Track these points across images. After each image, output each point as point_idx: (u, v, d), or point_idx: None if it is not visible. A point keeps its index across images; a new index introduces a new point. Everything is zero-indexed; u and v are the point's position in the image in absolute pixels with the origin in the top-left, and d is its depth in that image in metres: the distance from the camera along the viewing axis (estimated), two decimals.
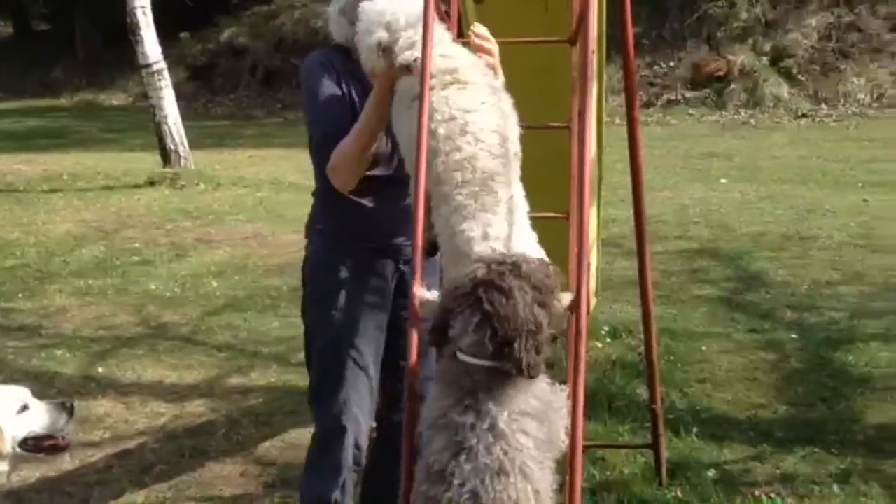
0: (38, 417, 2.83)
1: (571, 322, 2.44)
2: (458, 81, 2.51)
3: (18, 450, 2.80)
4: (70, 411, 2.89)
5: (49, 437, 2.85)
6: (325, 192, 2.89)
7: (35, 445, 2.83)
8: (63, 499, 3.95)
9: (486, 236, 2.34)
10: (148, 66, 10.27)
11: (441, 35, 2.57)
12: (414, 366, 2.33)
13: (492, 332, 2.01)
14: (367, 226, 2.87)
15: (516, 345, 2.01)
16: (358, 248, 2.89)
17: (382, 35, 2.59)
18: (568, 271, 2.56)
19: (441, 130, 2.45)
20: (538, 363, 2.05)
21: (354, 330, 2.87)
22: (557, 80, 2.97)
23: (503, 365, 2.03)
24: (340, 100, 2.81)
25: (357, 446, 2.88)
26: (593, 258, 5.32)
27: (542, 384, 2.12)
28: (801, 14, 14.73)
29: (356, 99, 2.83)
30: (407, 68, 2.55)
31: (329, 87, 2.81)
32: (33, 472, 4.13)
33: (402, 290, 2.86)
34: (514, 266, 2.08)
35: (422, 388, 2.80)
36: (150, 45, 10.23)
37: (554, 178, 2.74)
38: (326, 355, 2.89)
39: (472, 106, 2.48)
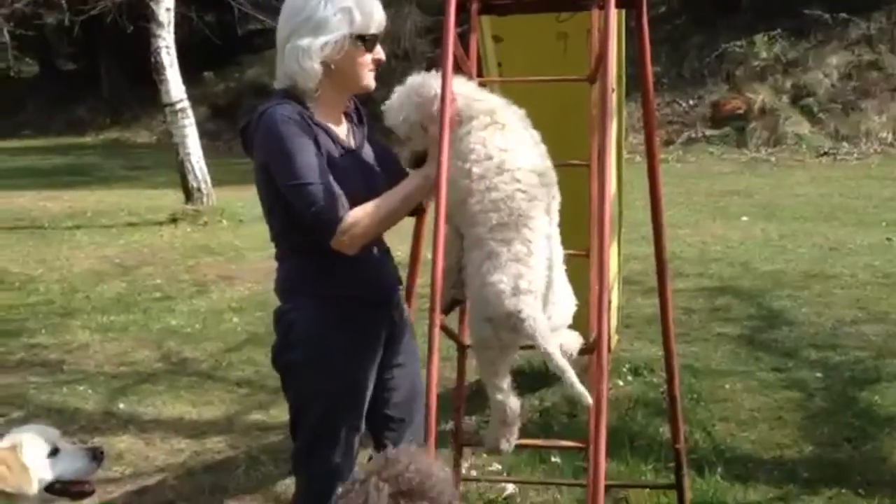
0: (68, 462, 2.81)
1: (593, 360, 2.44)
2: (496, 122, 2.51)
3: (45, 493, 2.80)
4: (100, 459, 2.88)
5: (76, 482, 2.85)
6: (308, 253, 2.67)
7: (62, 489, 2.82)
8: None
9: (516, 290, 2.31)
10: (171, 104, 10.40)
11: (466, 81, 2.58)
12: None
13: None
14: (360, 280, 2.70)
15: None
16: (351, 305, 2.70)
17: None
18: (589, 309, 2.57)
19: (476, 169, 2.44)
20: None
21: (355, 393, 2.74)
22: (577, 118, 2.99)
23: None
24: (319, 157, 2.58)
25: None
26: (614, 296, 5.31)
27: None
28: (821, 53, 14.75)
29: (331, 152, 2.65)
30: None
31: (306, 144, 2.57)
32: None
33: (393, 337, 2.80)
34: (418, 471, 1.79)
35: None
36: (174, 84, 10.37)
37: (574, 216, 2.74)
38: (323, 421, 2.73)
39: (508, 145, 2.48)
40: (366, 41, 2.65)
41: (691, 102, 14.98)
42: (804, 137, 14.01)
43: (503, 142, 2.48)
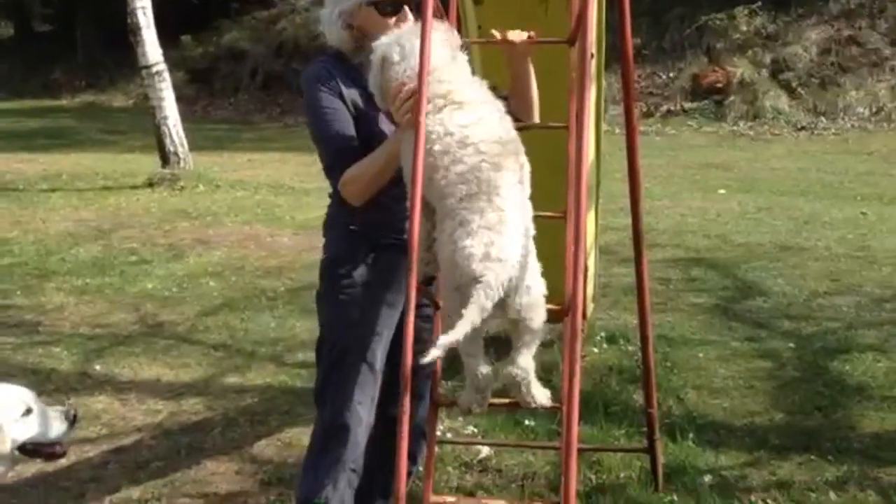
0: (40, 424, 2.80)
1: (567, 323, 2.46)
2: (452, 102, 2.52)
3: (17, 453, 2.79)
4: (73, 421, 2.86)
5: (49, 443, 2.84)
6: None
7: (34, 450, 2.81)
8: (58, 494, 3.94)
9: (487, 256, 2.31)
10: (148, 67, 10.29)
11: (437, 59, 2.56)
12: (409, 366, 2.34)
13: None
14: (387, 220, 2.88)
15: None
16: (378, 243, 2.90)
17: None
18: (564, 271, 2.58)
19: (437, 147, 2.45)
20: None
21: (370, 328, 2.88)
22: (556, 82, 2.98)
23: None
24: (342, 114, 2.83)
25: (357, 444, 2.88)
26: (591, 263, 5.33)
27: None
28: (801, 27, 14.79)
29: (359, 103, 2.85)
30: None
31: (329, 102, 2.83)
32: (28, 468, 4.09)
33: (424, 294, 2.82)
34: None
35: (422, 387, 2.82)
36: (151, 47, 10.25)
37: (552, 179, 2.75)
38: (338, 352, 2.90)
39: (469, 121, 2.48)
40: (378, 7, 2.83)
41: (671, 75, 14.99)
42: (782, 112, 14.08)
43: (462, 118, 2.49)
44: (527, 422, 4.28)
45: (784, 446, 4.08)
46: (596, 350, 5.23)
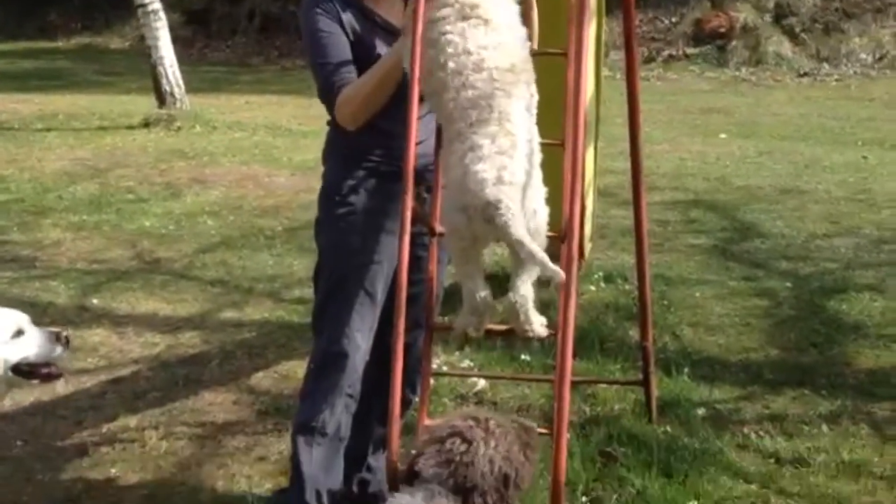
0: (33, 344, 2.80)
1: (563, 249, 2.45)
2: (478, 17, 2.43)
3: (10, 374, 2.79)
4: (65, 342, 2.87)
5: (43, 365, 2.84)
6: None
7: (28, 372, 2.82)
8: (56, 422, 3.96)
9: (499, 180, 2.28)
10: (143, 5, 10.14)
11: None
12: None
13: (451, 472, 2.04)
14: (386, 147, 2.82)
15: (476, 494, 2.02)
16: (377, 170, 2.86)
17: None
18: (562, 199, 2.56)
19: (451, 65, 2.39)
20: None
21: (369, 256, 2.85)
22: (555, 14, 2.93)
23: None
24: (338, 38, 2.78)
25: (354, 370, 2.88)
26: (589, 202, 5.32)
27: None
28: None
29: (357, 28, 2.81)
30: None
31: (326, 25, 2.78)
32: (27, 397, 4.14)
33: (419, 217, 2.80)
34: (483, 421, 2.11)
35: (419, 316, 2.79)
36: None
37: (552, 112, 2.71)
38: (336, 279, 2.88)
39: (489, 43, 2.41)
40: None
41: (674, 20, 14.82)
42: (785, 58, 13.95)
43: (484, 39, 2.42)
44: (523, 356, 4.29)
45: (778, 381, 4.11)
46: (593, 288, 5.23)
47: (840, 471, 3.35)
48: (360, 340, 2.86)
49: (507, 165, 2.29)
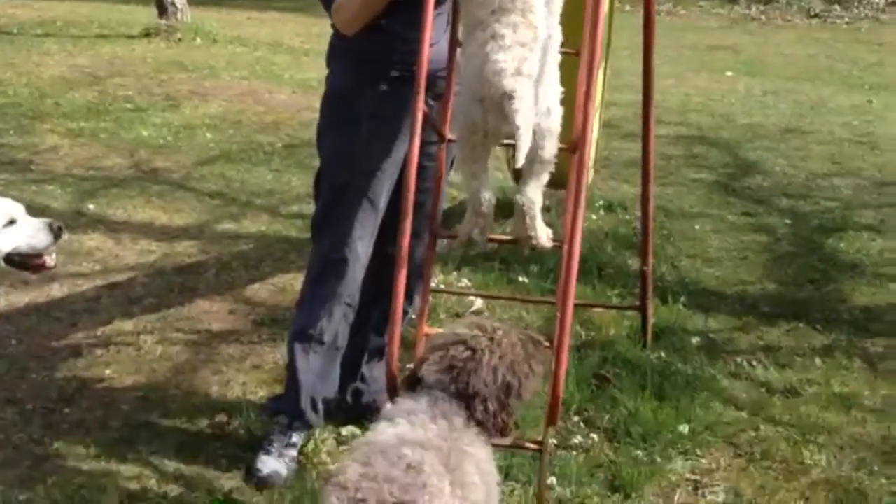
0: (25, 234, 2.78)
1: (575, 159, 2.42)
2: None
3: (2, 263, 2.77)
4: (57, 232, 2.84)
5: (35, 255, 2.82)
6: None
7: (21, 262, 2.80)
8: (51, 323, 3.96)
9: (518, 72, 2.25)
10: None
11: None
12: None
13: (454, 378, 2.04)
14: (396, 49, 2.75)
15: (478, 401, 2.02)
16: (383, 74, 2.78)
17: None
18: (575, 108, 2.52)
19: None
20: (499, 422, 2.05)
21: (373, 163, 2.80)
22: None
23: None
24: None
25: (354, 279, 2.86)
26: (595, 130, 5.26)
27: (487, 452, 2.05)
28: None
29: None
30: None
31: None
32: (22, 297, 4.14)
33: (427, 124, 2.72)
34: (490, 331, 2.11)
35: (420, 226, 2.76)
36: None
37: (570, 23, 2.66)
38: (338, 185, 2.83)
39: None
40: None
41: None
42: None
43: None
44: (520, 278, 4.29)
45: (773, 314, 4.12)
46: (594, 217, 5.22)
47: (830, 402, 3.37)
48: (360, 248, 2.84)
49: (528, 58, 2.27)
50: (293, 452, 2.92)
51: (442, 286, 4.15)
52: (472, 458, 1.96)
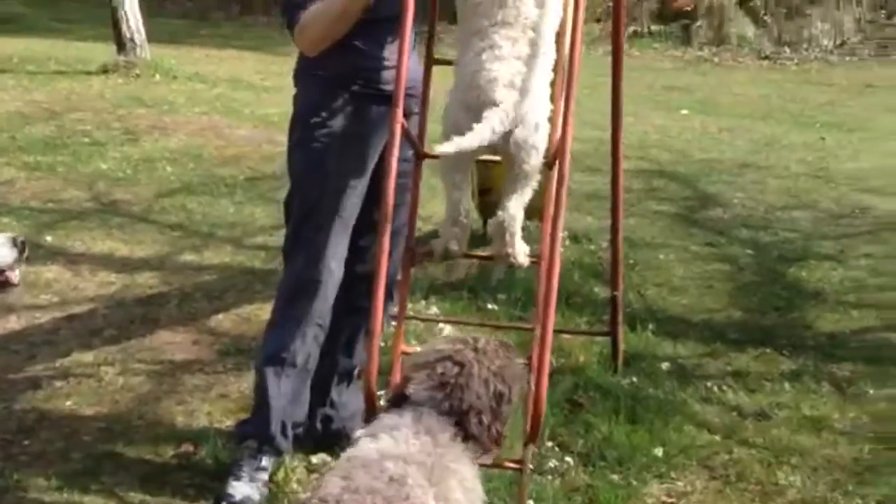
0: None
1: (555, 170, 2.43)
2: None
3: None
4: (21, 247, 2.77)
5: (0, 272, 2.75)
6: None
7: None
8: (8, 356, 3.85)
9: (511, 84, 2.26)
10: None
11: None
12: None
13: (447, 395, 2.00)
14: (363, 67, 2.77)
15: (472, 415, 2.00)
16: (352, 91, 2.79)
17: None
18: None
19: None
20: (493, 433, 2.02)
21: (342, 179, 2.79)
22: None
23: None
24: None
25: (326, 299, 2.83)
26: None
27: (472, 471, 2.00)
28: None
29: None
30: None
31: None
32: None
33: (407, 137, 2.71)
34: (472, 342, 2.09)
35: (393, 242, 2.73)
36: None
37: None
38: (310, 204, 2.81)
39: None
40: None
41: None
42: (747, 39, 14.05)
43: None
44: (489, 306, 4.28)
45: (741, 340, 4.14)
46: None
47: (801, 425, 3.39)
48: (333, 266, 2.81)
49: (523, 73, 2.27)
50: (264, 476, 2.85)
51: (410, 313, 4.11)
52: (457, 474, 1.92)
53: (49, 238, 5.12)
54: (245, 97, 9.39)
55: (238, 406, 3.42)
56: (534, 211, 2.58)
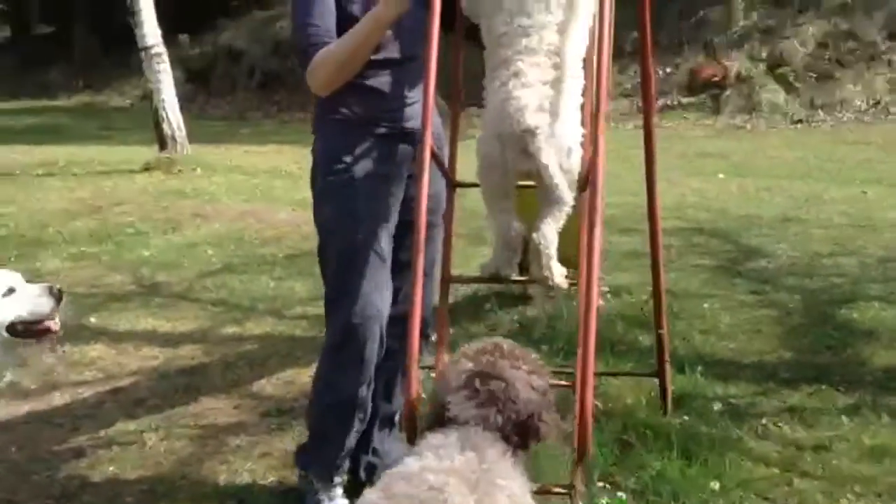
0: (26, 301, 2.74)
1: (586, 195, 2.41)
2: None
3: (5, 334, 2.72)
4: (58, 296, 2.80)
5: (37, 322, 2.77)
6: None
7: (25, 330, 2.74)
8: (52, 429, 3.86)
9: (541, 108, 2.27)
10: (147, 48, 10.22)
11: None
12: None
13: (499, 410, 1.97)
14: (382, 108, 2.78)
15: (535, 419, 1.99)
16: (373, 133, 2.80)
17: None
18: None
19: None
20: (551, 427, 2.02)
21: (375, 220, 2.78)
22: None
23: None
24: (319, 4, 2.72)
25: (374, 339, 2.78)
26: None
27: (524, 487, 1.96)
28: (797, 21, 14.79)
29: None
30: None
31: None
32: (22, 407, 4.06)
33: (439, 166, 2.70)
34: (493, 348, 2.06)
35: (427, 266, 2.69)
36: (150, 27, 10.18)
37: None
38: (346, 251, 2.78)
39: None
40: None
41: (668, 70, 14.98)
42: (779, 105, 14.05)
43: None
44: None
45: (794, 379, 4.02)
46: (601, 301, 5.16)
47: (863, 455, 3.25)
48: (382, 310, 2.78)
49: (551, 96, 2.29)
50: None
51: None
52: (505, 490, 1.86)
53: (93, 319, 5.18)
54: (283, 184, 9.56)
55: (281, 463, 3.38)
56: (568, 262, 2.55)
